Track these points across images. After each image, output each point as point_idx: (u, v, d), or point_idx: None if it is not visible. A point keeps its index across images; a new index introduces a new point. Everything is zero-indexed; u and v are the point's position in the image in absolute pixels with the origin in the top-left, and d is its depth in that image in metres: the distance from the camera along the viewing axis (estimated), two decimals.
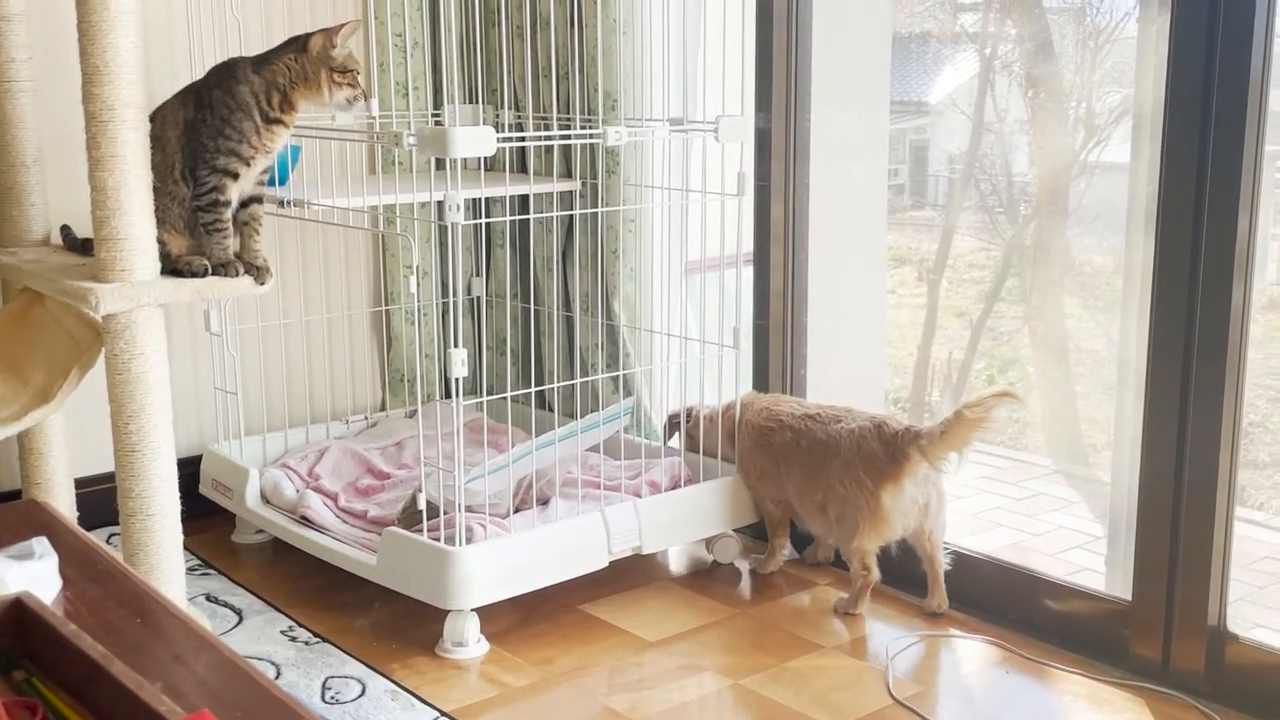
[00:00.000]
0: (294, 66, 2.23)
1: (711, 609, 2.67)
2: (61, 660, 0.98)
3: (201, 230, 2.24)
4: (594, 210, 3.06)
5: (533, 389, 2.92)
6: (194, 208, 2.24)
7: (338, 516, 2.81)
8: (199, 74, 2.90)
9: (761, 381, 3.03)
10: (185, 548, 2.29)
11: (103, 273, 2.12)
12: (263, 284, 2.26)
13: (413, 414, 3.37)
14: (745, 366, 2.95)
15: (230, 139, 2.22)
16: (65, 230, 2.54)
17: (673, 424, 2.94)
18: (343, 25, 2.25)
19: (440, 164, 2.57)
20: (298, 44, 2.25)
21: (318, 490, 2.88)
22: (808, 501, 2.66)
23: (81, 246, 2.45)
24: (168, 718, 0.88)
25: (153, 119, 2.20)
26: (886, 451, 2.53)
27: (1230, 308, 2.20)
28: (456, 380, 2.42)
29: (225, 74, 2.26)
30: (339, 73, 2.23)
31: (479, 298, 3.42)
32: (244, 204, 2.29)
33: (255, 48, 3.06)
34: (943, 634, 2.54)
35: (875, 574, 2.60)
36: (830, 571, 2.85)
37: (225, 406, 3.07)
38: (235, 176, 2.24)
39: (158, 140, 2.18)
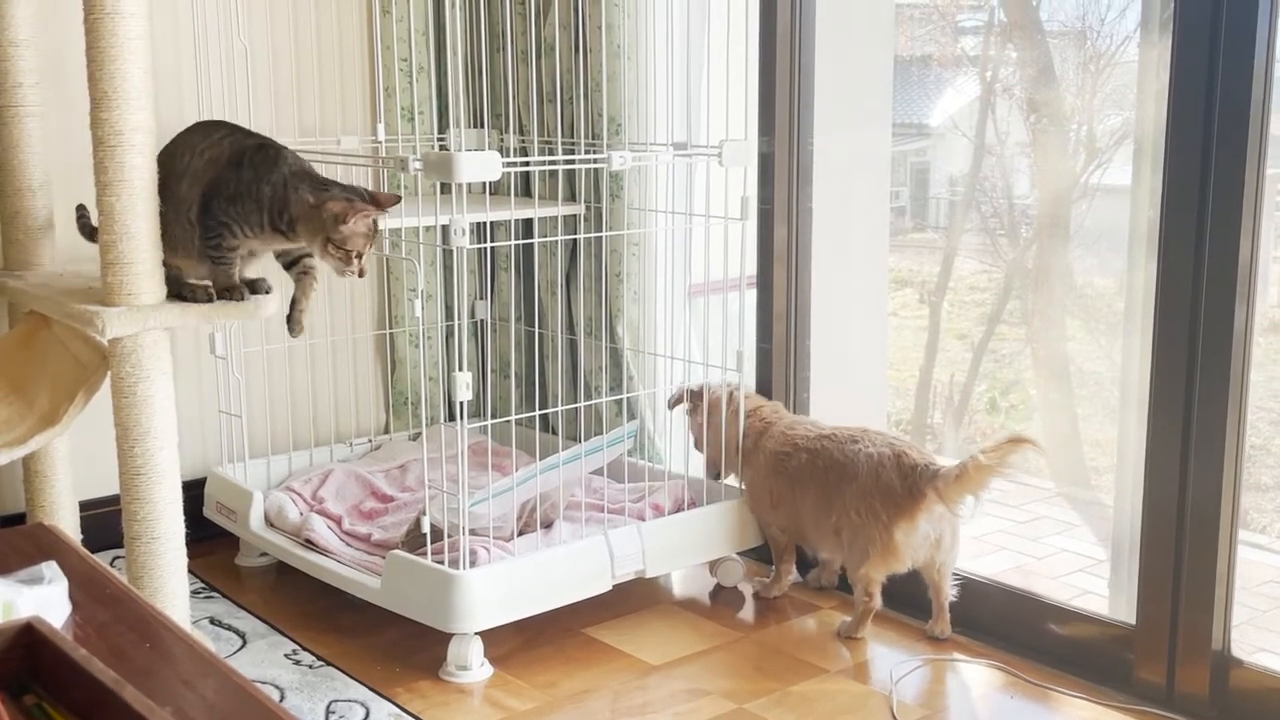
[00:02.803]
0: (308, 211, 2.21)
1: (715, 633, 2.67)
2: (72, 685, 0.98)
3: (208, 258, 2.25)
4: (598, 234, 3.08)
5: (536, 412, 2.92)
6: (202, 243, 2.24)
7: (341, 539, 2.81)
8: (205, 100, 2.93)
9: None
10: (189, 571, 2.29)
11: (109, 296, 2.13)
12: (294, 335, 2.33)
13: (417, 437, 3.38)
14: (749, 387, 2.95)
15: (240, 211, 2.21)
16: (81, 212, 2.49)
17: (678, 400, 2.92)
18: (360, 212, 2.19)
19: (445, 188, 2.59)
20: (329, 195, 2.20)
21: (321, 513, 2.88)
22: (823, 524, 2.63)
23: (93, 234, 2.39)
24: None
25: (188, 149, 2.21)
26: (904, 485, 2.49)
27: (1232, 330, 2.21)
28: (461, 403, 2.42)
29: (267, 156, 2.23)
30: (334, 245, 2.21)
31: (483, 321, 3.43)
32: (299, 257, 2.33)
33: (262, 74, 3.09)
34: (947, 658, 2.54)
35: (877, 601, 2.59)
36: (834, 595, 2.84)
37: (229, 429, 3.07)
38: (243, 237, 2.24)
39: (184, 174, 2.19)
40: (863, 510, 2.53)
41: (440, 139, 3.31)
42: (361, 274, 2.25)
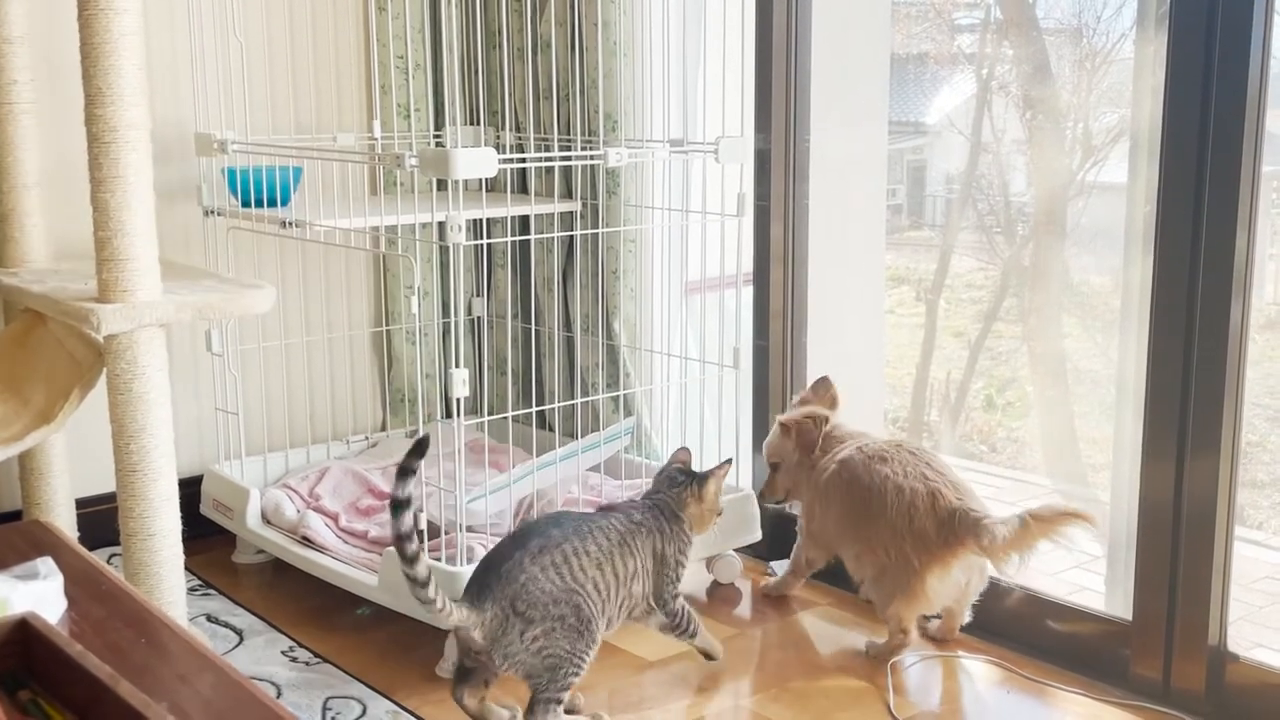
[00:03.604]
0: (690, 504, 2.37)
1: (712, 629, 2.66)
2: (67, 681, 0.98)
3: (689, 635, 2.39)
4: (594, 231, 3.07)
5: (533, 409, 2.92)
6: (676, 625, 2.36)
7: (338, 537, 2.81)
8: (199, 95, 2.93)
9: (761, 402, 3.03)
10: (186, 568, 2.29)
11: (104, 293, 2.13)
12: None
13: (414, 434, 3.37)
14: (745, 386, 2.95)
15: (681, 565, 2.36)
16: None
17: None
18: (722, 471, 2.41)
19: (442, 185, 2.59)
20: (691, 481, 2.37)
21: (318, 510, 2.88)
22: (846, 546, 2.53)
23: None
24: None
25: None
26: (939, 533, 2.36)
27: (1228, 327, 2.21)
28: (457, 400, 2.42)
29: (646, 521, 2.31)
30: (720, 514, 2.43)
31: (480, 318, 3.43)
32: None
33: (258, 70, 3.08)
34: (944, 654, 2.54)
35: (914, 637, 2.47)
36: (832, 592, 2.84)
37: (226, 427, 3.07)
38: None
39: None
40: (892, 552, 2.40)
41: (436, 136, 3.31)
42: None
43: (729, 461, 2.45)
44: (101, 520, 2.64)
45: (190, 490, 2.86)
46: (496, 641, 2.05)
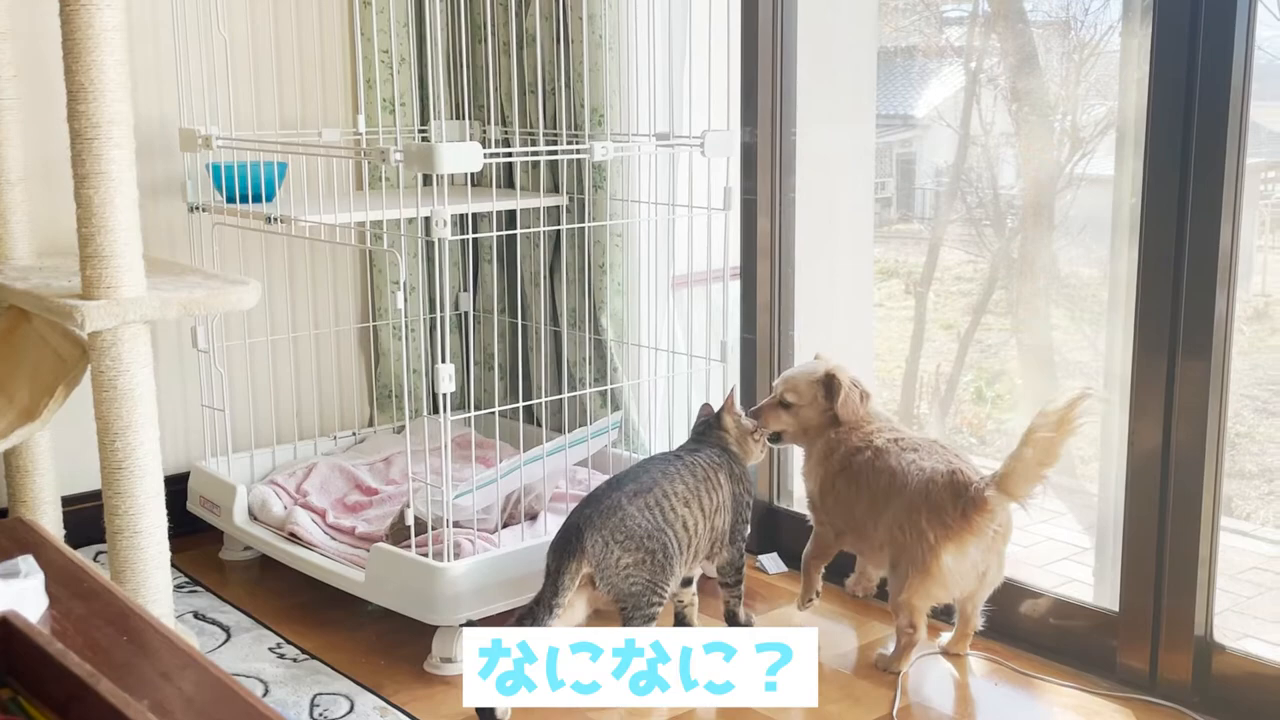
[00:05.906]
0: (734, 434, 2.57)
1: (703, 622, 2.66)
2: (48, 679, 0.98)
3: (735, 585, 2.57)
4: (581, 225, 3.07)
5: (520, 404, 2.91)
6: (736, 566, 2.54)
7: (326, 533, 2.80)
8: (183, 91, 2.92)
9: (749, 396, 3.03)
10: (173, 565, 2.28)
11: (88, 290, 2.12)
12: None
13: (400, 430, 3.37)
14: (733, 380, 2.95)
15: (750, 501, 2.57)
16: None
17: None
18: (730, 397, 2.59)
19: (427, 180, 2.58)
20: (715, 423, 2.58)
21: (306, 507, 2.87)
22: (870, 535, 2.47)
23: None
24: None
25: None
26: (956, 505, 2.30)
27: (1214, 318, 2.21)
28: (444, 395, 2.42)
29: (720, 459, 2.51)
30: (754, 434, 2.58)
31: (466, 313, 3.42)
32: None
33: (242, 66, 3.07)
34: (934, 649, 2.54)
35: (922, 634, 2.40)
36: (827, 585, 2.83)
37: (213, 423, 3.06)
38: None
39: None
40: (908, 528, 2.35)
41: (422, 130, 3.30)
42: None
43: (734, 389, 2.62)
44: (87, 518, 2.63)
45: (177, 487, 2.86)
46: (600, 564, 2.27)
